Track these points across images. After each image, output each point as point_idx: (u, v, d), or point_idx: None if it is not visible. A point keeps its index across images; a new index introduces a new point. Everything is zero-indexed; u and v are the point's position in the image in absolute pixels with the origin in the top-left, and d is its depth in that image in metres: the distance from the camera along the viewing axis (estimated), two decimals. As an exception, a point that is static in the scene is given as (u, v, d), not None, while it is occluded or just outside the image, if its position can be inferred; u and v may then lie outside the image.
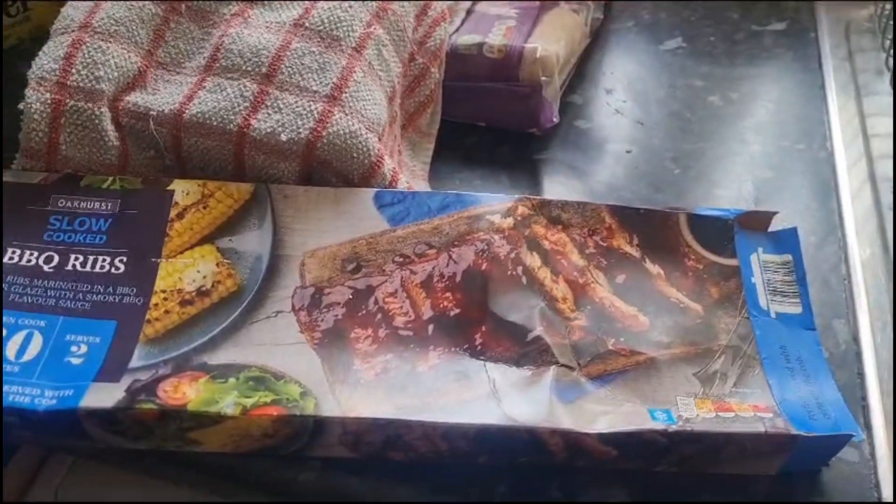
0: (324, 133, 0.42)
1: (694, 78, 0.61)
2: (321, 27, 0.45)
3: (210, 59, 0.44)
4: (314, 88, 0.43)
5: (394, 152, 0.48)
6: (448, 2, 0.54)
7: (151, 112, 0.43)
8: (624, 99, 0.59)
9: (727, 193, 0.52)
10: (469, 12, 0.56)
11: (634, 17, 0.67)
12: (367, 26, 0.46)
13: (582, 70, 0.60)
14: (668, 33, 0.65)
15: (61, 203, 0.42)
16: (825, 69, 0.62)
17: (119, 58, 0.43)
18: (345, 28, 0.45)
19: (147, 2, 0.45)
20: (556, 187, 0.52)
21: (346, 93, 0.43)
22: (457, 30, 0.54)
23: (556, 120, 0.52)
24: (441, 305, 0.40)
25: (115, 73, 0.43)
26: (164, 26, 0.45)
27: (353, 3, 0.46)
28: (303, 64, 0.44)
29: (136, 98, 0.43)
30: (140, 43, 0.44)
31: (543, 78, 0.51)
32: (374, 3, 0.47)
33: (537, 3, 0.57)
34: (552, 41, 0.53)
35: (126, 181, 0.43)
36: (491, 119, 0.54)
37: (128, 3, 0.44)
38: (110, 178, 0.43)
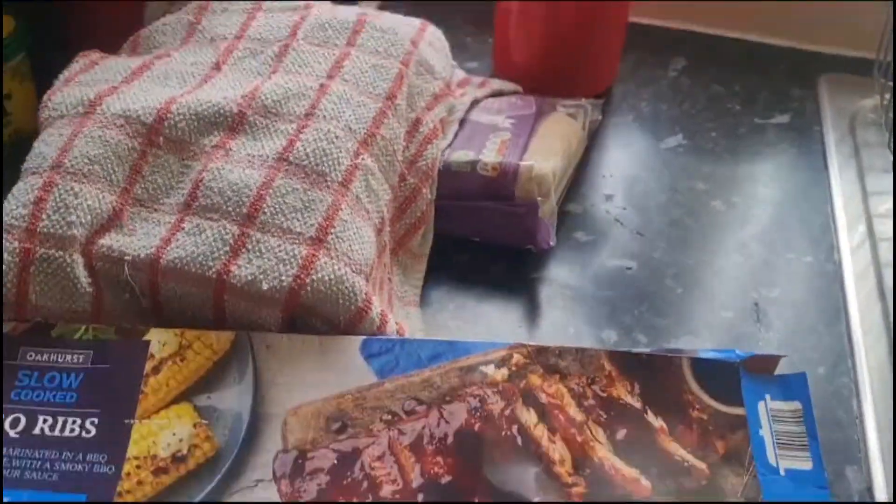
0: (307, 280, 0.40)
1: (695, 179, 0.59)
2: (306, 161, 0.43)
3: (189, 196, 0.42)
4: (298, 230, 0.41)
5: (383, 283, 0.46)
6: (441, 113, 0.52)
7: (126, 257, 0.41)
8: (624, 206, 0.57)
9: (732, 316, 0.50)
10: (463, 121, 0.54)
11: (634, 110, 0.65)
12: (355, 156, 0.44)
13: (581, 174, 0.58)
14: (669, 128, 0.63)
15: (31, 356, 0.40)
16: (831, 169, 0.61)
17: (93, 199, 0.41)
18: (330, 161, 0.43)
19: (123, 136, 0.43)
20: (554, 311, 0.50)
21: (331, 234, 0.41)
22: (450, 144, 0.52)
23: (552, 243, 0.50)
24: (432, 471, 0.38)
25: (89, 217, 0.41)
26: (142, 161, 0.43)
27: (339, 131, 0.44)
28: (286, 203, 0.42)
29: (110, 241, 0.41)
30: (116, 181, 0.42)
31: (539, 198, 0.49)
32: (362, 127, 0.45)
33: (533, 108, 0.56)
34: (549, 155, 0.51)
35: (99, 330, 0.41)
36: (485, 235, 0.52)
37: (103, 136, 0.42)
38: (83, 328, 0.41)
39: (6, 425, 0.38)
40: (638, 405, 0.41)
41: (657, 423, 0.40)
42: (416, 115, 0.50)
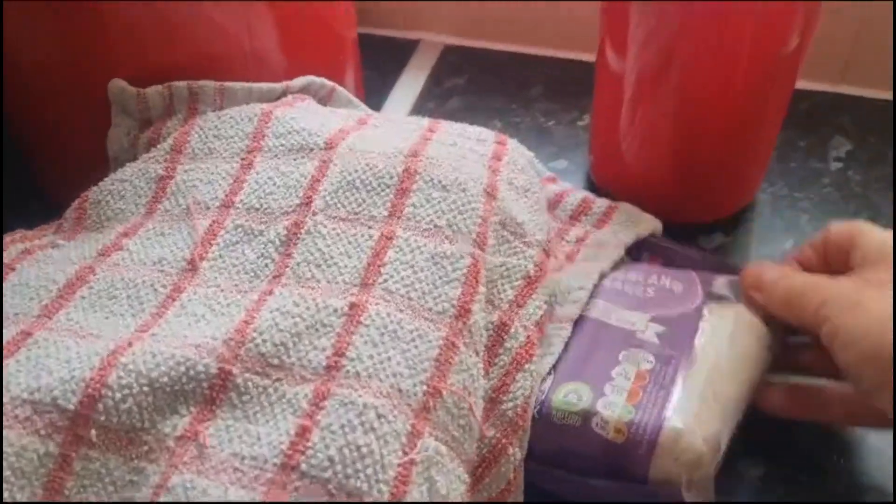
0: None
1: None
2: (328, 472, 0.26)
3: (138, 537, 0.26)
4: None
5: None
6: (537, 309, 0.34)
7: None
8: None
9: None
10: (581, 319, 0.36)
11: (792, 229, 0.46)
12: (408, 444, 0.27)
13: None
14: None
15: None
16: None
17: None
18: (369, 469, 0.26)
19: (32, 437, 0.26)
20: None
21: None
22: (553, 368, 0.34)
23: None
24: None
25: None
26: (63, 472, 0.26)
27: (382, 401, 0.27)
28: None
29: None
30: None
31: (684, 481, 0.31)
32: (418, 384, 0.28)
33: (698, 298, 0.36)
34: (713, 407, 0.32)
35: None
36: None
37: None
38: None
39: None
40: None
41: None
42: (498, 317, 0.33)
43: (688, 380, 0.33)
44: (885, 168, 0.50)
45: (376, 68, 0.57)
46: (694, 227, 0.46)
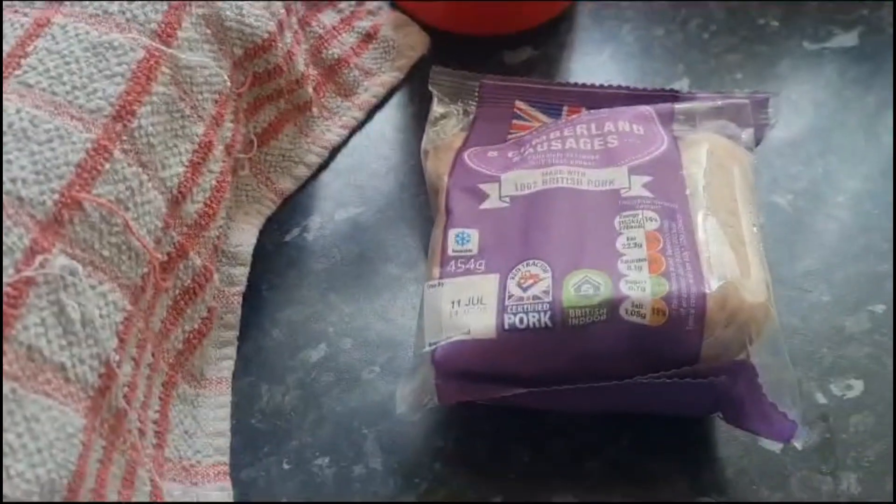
0: None
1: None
2: None
3: None
4: None
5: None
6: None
7: None
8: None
9: None
10: (543, 193, 0.29)
11: (612, 39, 0.41)
12: (20, 264, 0.22)
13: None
14: (670, 68, 0.40)
15: None
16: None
17: None
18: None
19: None
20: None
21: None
22: (548, 266, 0.27)
23: (797, 441, 0.25)
24: None
25: None
26: None
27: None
28: None
29: None
30: None
31: (749, 349, 0.26)
32: (46, 200, 0.23)
33: (664, 139, 0.30)
34: (741, 248, 0.27)
35: None
36: (646, 411, 0.28)
37: None
38: None
39: None
40: None
41: None
42: (203, 131, 0.27)
43: (703, 228, 0.27)
44: (726, -29, 0.44)
45: None
46: (497, 41, 0.40)
